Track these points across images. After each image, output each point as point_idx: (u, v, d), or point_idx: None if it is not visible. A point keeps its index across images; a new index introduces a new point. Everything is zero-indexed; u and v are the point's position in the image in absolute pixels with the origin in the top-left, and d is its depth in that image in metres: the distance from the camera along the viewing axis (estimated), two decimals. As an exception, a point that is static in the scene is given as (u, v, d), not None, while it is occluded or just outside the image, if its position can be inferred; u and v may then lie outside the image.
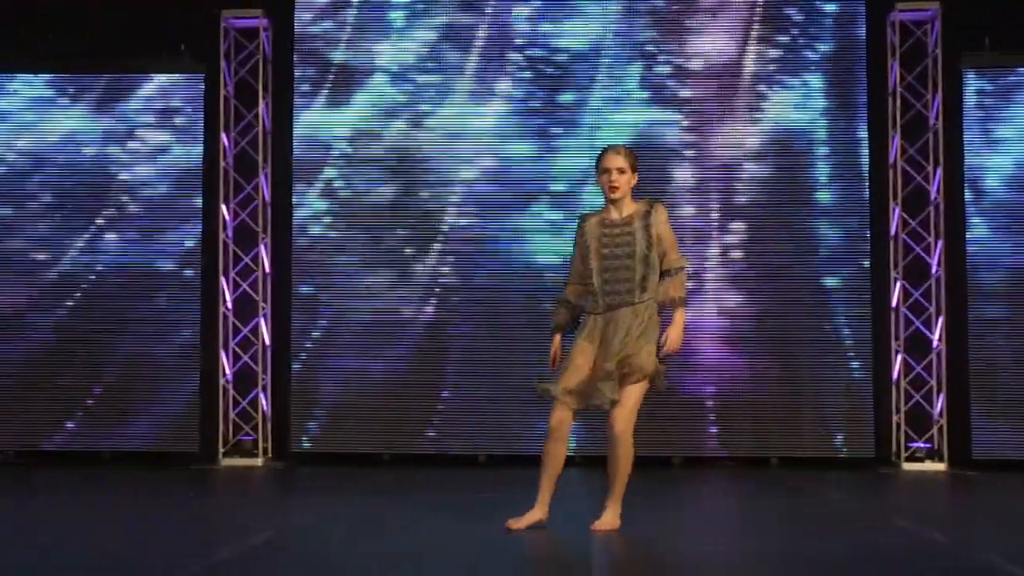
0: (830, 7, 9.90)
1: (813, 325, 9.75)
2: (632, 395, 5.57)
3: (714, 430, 9.70)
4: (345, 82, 9.99)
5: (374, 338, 9.85)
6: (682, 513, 7.15)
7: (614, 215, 5.67)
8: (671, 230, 5.69)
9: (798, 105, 9.88)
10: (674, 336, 5.59)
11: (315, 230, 9.94)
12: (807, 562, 5.01)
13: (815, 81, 9.88)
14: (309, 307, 9.88)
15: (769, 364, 9.72)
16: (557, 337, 5.79)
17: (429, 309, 9.85)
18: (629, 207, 5.69)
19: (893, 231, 9.78)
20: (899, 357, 9.71)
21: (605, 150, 5.73)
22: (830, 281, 9.78)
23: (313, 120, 10.00)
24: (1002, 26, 9.66)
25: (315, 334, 9.86)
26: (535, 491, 5.64)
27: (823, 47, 9.88)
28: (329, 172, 9.98)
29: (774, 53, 9.90)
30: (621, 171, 5.66)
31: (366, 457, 9.76)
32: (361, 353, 9.84)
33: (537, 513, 5.66)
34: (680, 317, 5.61)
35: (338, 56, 10.01)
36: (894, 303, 9.76)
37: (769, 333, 9.75)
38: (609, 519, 5.65)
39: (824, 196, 9.83)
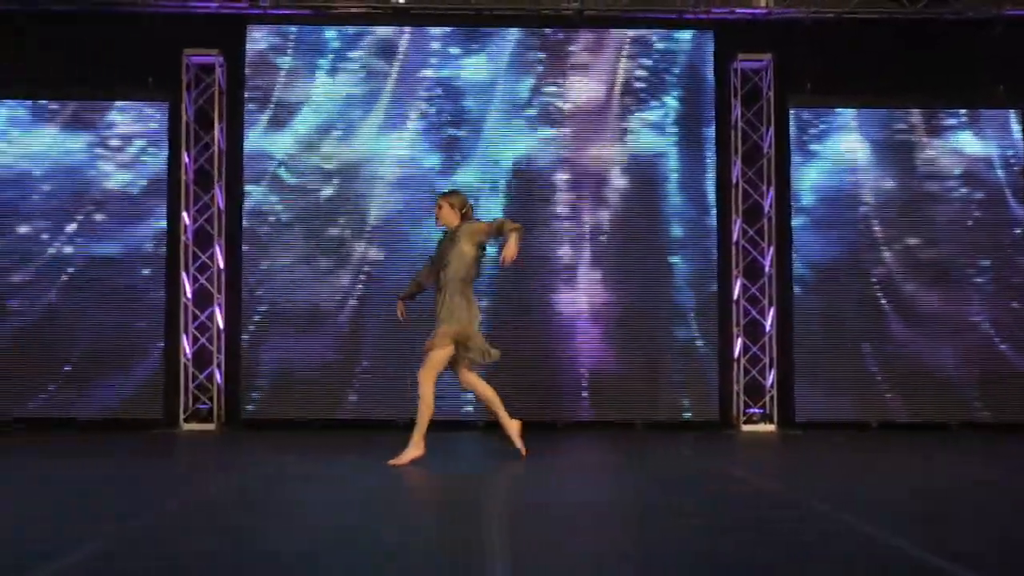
0: (683, 57, 10.00)
1: (669, 314, 9.87)
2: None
3: (588, 400, 9.76)
4: (285, 108, 9.87)
5: (310, 320, 9.77)
6: (563, 468, 7.16)
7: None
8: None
9: (658, 133, 9.97)
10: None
11: (260, 232, 9.81)
12: (660, 507, 5.05)
13: (672, 115, 9.98)
14: (256, 296, 9.75)
15: (633, 346, 9.81)
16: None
17: (355, 294, 9.79)
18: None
19: (735, 238, 9.94)
20: (739, 340, 9.88)
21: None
22: (683, 279, 9.90)
23: (259, 140, 9.87)
24: (821, 75, 9.90)
25: (258, 319, 9.74)
26: (446, 450, 5.63)
27: (678, 92, 9.99)
28: (272, 183, 9.85)
29: (639, 84, 9.97)
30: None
31: (301, 422, 9.66)
32: (298, 334, 9.75)
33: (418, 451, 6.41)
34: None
35: (279, 87, 9.89)
36: (735, 296, 9.93)
37: (633, 322, 9.85)
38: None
39: (679, 208, 9.94)
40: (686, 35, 10.05)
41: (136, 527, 4.18)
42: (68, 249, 9.75)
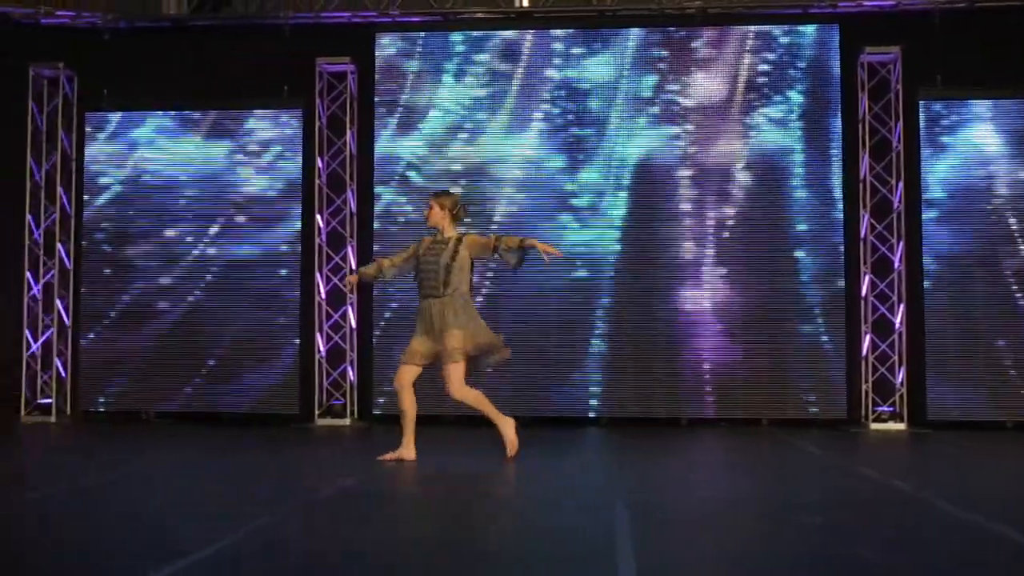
0: (807, 52, 9.92)
1: (796, 312, 9.78)
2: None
3: (713, 397, 9.75)
4: (413, 112, 10.15)
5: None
6: (688, 464, 7.20)
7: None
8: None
9: (782, 128, 9.90)
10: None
11: (390, 232, 10.10)
12: (786, 504, 5.06)
13: (796, 110, 9.91)
14: (387, 295, 10.05)
15: (757, 343, 9.76)
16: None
17: (482, 292, 9.97)
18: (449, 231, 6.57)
19: (863, 234, 9.80)
20: (867, 337, 9.74)
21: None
22: (810, 275, 9.80)
23: (389, 144, 10.16)
24: (951, 66, 9.67)
25: (389, 316, 10.02)
26: (571, 447, 5.71)
27: (802, 86, 9.91)
28: (401, 185, 10.14)
29: (762, 80, 9.94)
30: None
31: (431, 417, 9.85)
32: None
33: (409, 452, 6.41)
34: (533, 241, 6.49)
35: (407, 91, 10.17)
36: (863, 293, 9.79)
37: (759, 319, 9.78)
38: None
39: (804, 204, 9.85)
40: (810, 29, 9.96)
41: (283, 515, 4.44)
42: (211, 251, 10.24)
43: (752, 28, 10.00)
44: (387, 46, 10.22)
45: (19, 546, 3.91)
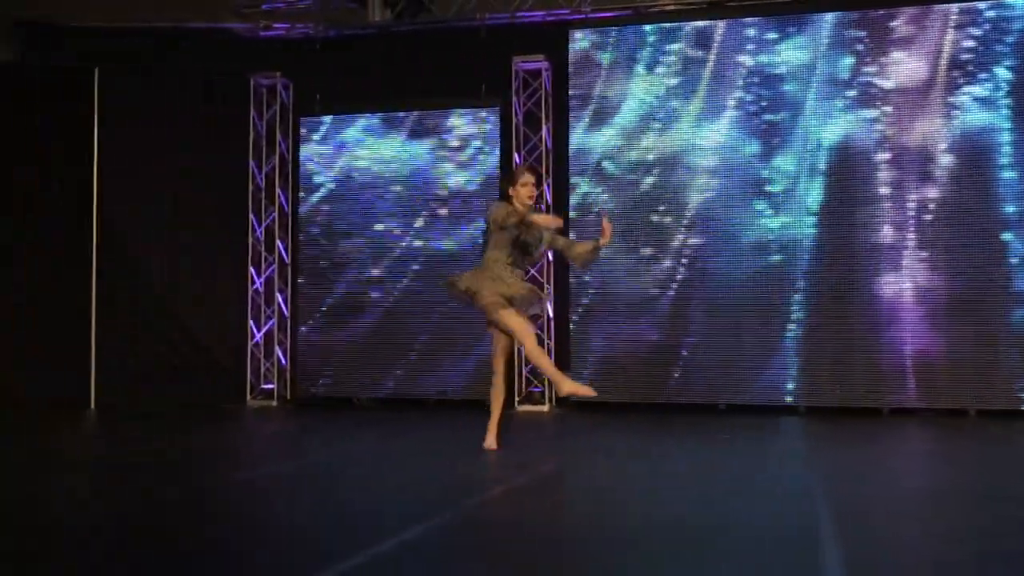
0: (1016, 26, 9.45)
1: (1004, 297, 9.37)
2: None
3: (915, 386, 9.46)
4: (606, 104, 10.26)
5: (633, 305, 10.08)
6: (891, 454, 7.05)
7: None
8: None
9: (988, 106, 9.47)
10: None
11: (586, 221, 10.25)
12: (999, 497, 4.94)
13: (1004, 87, 9.46)
14: (583, 282, 10.21)
15: (962, 330, 9.39)
16: None
17: (676, 279, 10.00)
18: None
19: (1077, 215, 9.29)
20: (1083, 323, 9.22)
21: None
22: (1020, 259, 9.36)
23: (583, 137, 10.32)
24: None
25: (586, 302, 10.18)
26: (767, 434, 5.68)
27: (1010, 62, 9.45)
28: (596, 176, 10.27)
29: (967, 57, 9.54)
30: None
31: (623, 405, 10.00)
32: (623, 317, 10.10)
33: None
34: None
35: (600, 84, 10.29)
36: (1079, 277, 9.28)
37: (964, 305, 9.42)
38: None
39: (1013, 184, 9.40)
40: (1020, 2, 9.48)
41: (488, 497, 4.66)
42: (416, 243, 10.69)
43: (955, 5, 9.61)
44: (580, 40, 10.38)
45: (259, 515, 4.28)
